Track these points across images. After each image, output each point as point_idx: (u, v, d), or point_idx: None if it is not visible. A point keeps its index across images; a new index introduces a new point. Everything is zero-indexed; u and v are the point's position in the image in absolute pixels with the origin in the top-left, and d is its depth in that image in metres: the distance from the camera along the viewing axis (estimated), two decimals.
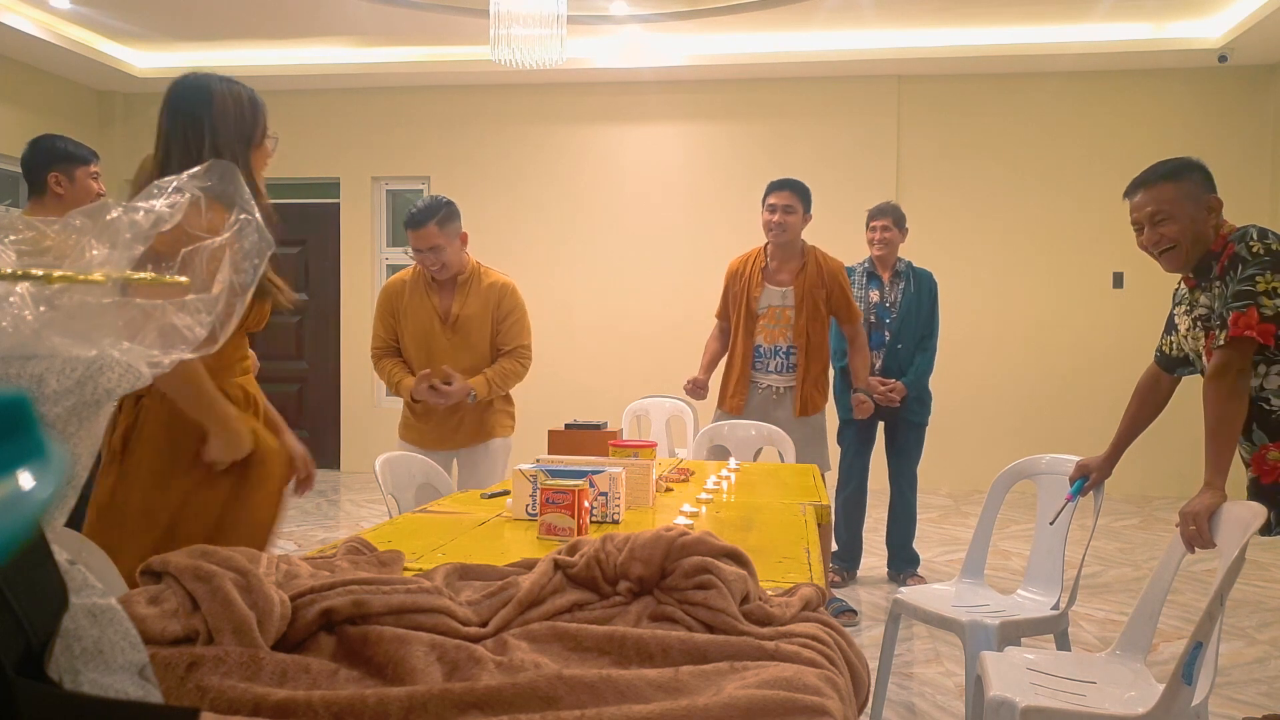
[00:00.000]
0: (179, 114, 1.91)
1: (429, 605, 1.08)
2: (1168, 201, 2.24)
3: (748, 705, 0.89)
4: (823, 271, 3.80)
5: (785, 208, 3.76)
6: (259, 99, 2.00)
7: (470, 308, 3.28)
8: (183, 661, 0.91)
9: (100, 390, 0.89)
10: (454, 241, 3.20)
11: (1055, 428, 6.72)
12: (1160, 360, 2.50)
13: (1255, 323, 2.11)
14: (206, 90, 1.92)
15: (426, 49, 6.94)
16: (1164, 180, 2.26)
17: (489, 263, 3.45)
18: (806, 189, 3.84)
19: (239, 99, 1.95)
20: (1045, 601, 2.64)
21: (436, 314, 3.28)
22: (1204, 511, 2.10)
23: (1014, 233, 6.96)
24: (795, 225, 3.78)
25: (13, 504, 0.42)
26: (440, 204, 3.17)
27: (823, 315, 3.80)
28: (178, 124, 1.91)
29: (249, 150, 1.96)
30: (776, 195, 3.79)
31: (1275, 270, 2.12)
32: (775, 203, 3.77)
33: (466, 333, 3.28)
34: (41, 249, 0.89)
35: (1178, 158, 2.33)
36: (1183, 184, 2.25)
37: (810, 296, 3.76)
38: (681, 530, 1.26)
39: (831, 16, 6.25)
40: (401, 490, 2.62)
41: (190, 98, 1.92)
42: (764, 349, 3.83)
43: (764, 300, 3.82)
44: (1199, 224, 2.24)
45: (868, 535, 4.56)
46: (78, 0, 6.12)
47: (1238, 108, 6.71)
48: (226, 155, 1.88)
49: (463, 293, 3.28)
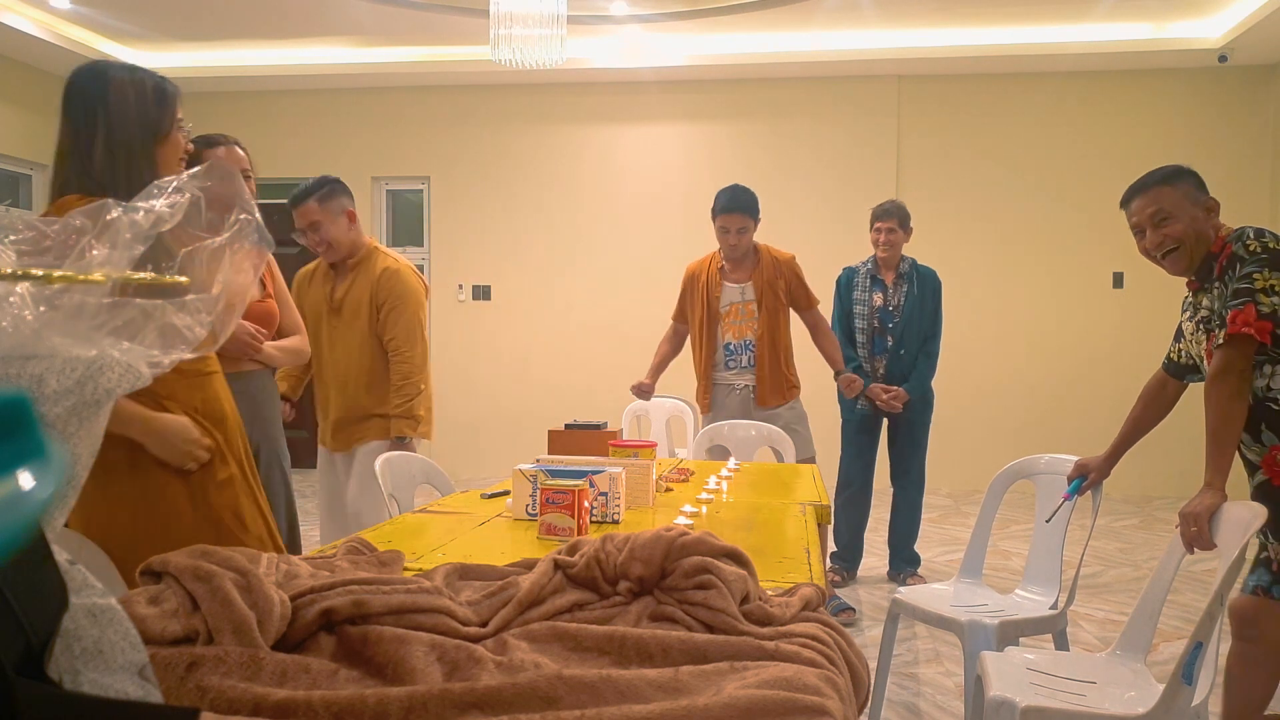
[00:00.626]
0: (73, 105, 1.79)
1: (429, 605, 1.08)
2: (1169, 202, 2.26)
3: (748, 705, 0.89)
4: (777, 264, 3.85)
5: (739, 229, 3.77)
6: (169, 87, 1.86)
7: (355, 292, 3.03)
8: (183, 661, 0.91)
9: (100, 390, 0.89)
10: (338, 219, 3.01)
11: (1055, 428, 6.73)
12: (1169, 367, 2.51)
13: (1253, 319, 2.11)
14: (104, 78, 1.79)
15: (426, 49, 6.94)
16: (1161, 184, 2.28)
17: (490, 263, 3.41)
18: (754, 200, 3.81)
19: (141, 87, 1.81)
20: (1044, 601, 2.64)
21: (326, 301, 3.07)
22: (1204, 512, 2.10)
23: (1014, 232, 6.97)
24: (749, 241, 3.81)
25: (13, 504, 0.42)
26: (324, 181, 3.03)
27: (784, 305, 3.86)
28: (72, 116, 1.79)
29: (154, 143, 1.82)
30: (727, 219, 3.77)
31: (1273, 268, 2.13)
32: (728, 225, 3.77)
33: (348, 320, 3.03)
34: (41, 249, 0.89)
35: (1169, 165, 2.35)
36: (1179, 186, 2.27)
37: (770, 288, 3.81)
38: (681, 530, 1.26)
39: (831, 16, 6.25)
40: (401, 490, 2.62)
41: (86, 87, 1.79)
42: (733, 345, 3.87)
43: (725, 298, 3.87)
44: (1200, 224, 2.25)
45: (868, 535, 4.56)
46: (78, 0, 6.12)
47: (1238, 108, 6.71)
48: (123, 149, 1.78)
49: (351, 276, 3.05)
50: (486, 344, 7.44)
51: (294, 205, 3.02)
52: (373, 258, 3.07)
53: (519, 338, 7.40)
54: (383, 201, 7.70)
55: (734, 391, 3.86)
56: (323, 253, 3.04)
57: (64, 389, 0.87)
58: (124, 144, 1.78)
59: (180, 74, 7.25)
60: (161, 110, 1.83)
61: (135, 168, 1.78)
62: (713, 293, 3.88)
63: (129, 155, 1.78)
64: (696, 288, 3.95)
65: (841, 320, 4.34)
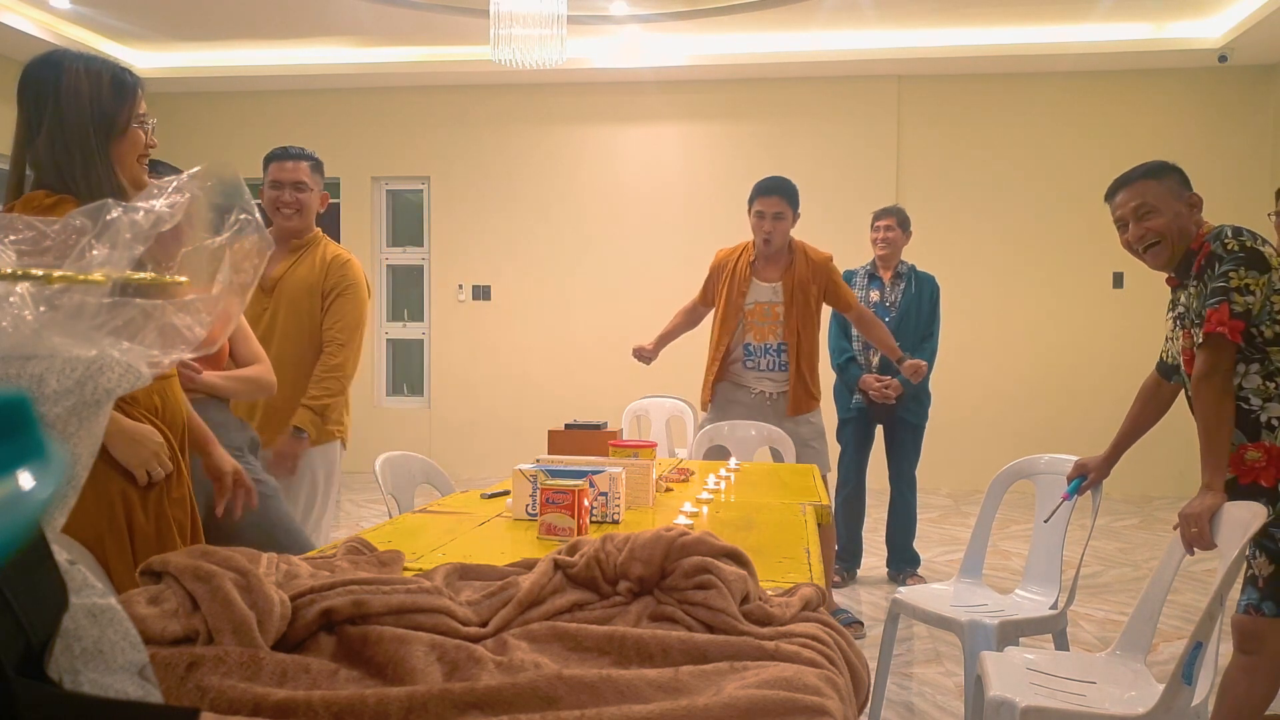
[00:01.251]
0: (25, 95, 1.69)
1: (429, 605, 1.08)
2: (1152, 196, 2.27)
3: (748, 705, 0.89)
4: (811, 265, 3.68)
5: (775, 214, 3.60)
6: (129, 79, 1.73)
7: (297, 274, 2.82)
8: (183, 661, 0.91)
9: (100, 390, 0.89)
10: (317, 194, 2.88)
11: (1055, 428, 6.72)
12: (1160, 368, 2.52)
13: (1226, 318, 2.12)
14: (56, 68, 1.67)
15: (426, 49, 6.94)
16: (1146, 178, 2.30)
17: (490, 263, 3.38)
18: (795, 190, 3.67)
19: (96, 78, 1.69)
20: (1044, 601, 2.64)
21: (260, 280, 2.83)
22: (1205, 513, 2.10)
23: (1014, 232, 6.97)
24: (785, 230, 3.64)
25: (13, 504, 0.42)
26: (314, 154, 2.93)
27: (813, 312, 3.70)
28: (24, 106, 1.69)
29: (108, 138, 1.70)
30: (765, 201, 3.61)
31: (1248, 266, 2.14)
32: (764, 209, 3.61)
33: (289, 302, 2.79)
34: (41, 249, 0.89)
35: (1154, 160, 2.36)
36: (1164, 181, 2.29)
37: (801, 292, 3.65)
38: (681, 530, 1.26)
39: (831, 16, 6.25)
40: (401, 490, 2.62)
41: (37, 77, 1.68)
42: (754, 346, 3.72)
43: (752, 295, 3.71)
44: (1182, 219, 2.27)
45: (867, 535, 4.56)
46: (78, 0, 6.12)
47: (1238, 108, 6.71)
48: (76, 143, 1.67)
49: (293, 258, 2.83)
50: (486, 344, 7.44)
51: (284, 158, 2.86)
52: (320, 243, 2.90)
53: (519, 338, 7.40)
54: (383, 201, 7.70)
55: (750, 394, 3.74)
56: (286, 216, 2.83)
57: (64, 389, 0.87)
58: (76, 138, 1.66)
59: (180, 74, 7.26)
60: (119, 103, 1.71)
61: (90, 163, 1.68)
62: (739, 287, 3.71)
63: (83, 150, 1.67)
64: (723, 277, 3.78)
65: (838, 317, 4.35)
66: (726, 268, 3.78)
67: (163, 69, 7.16)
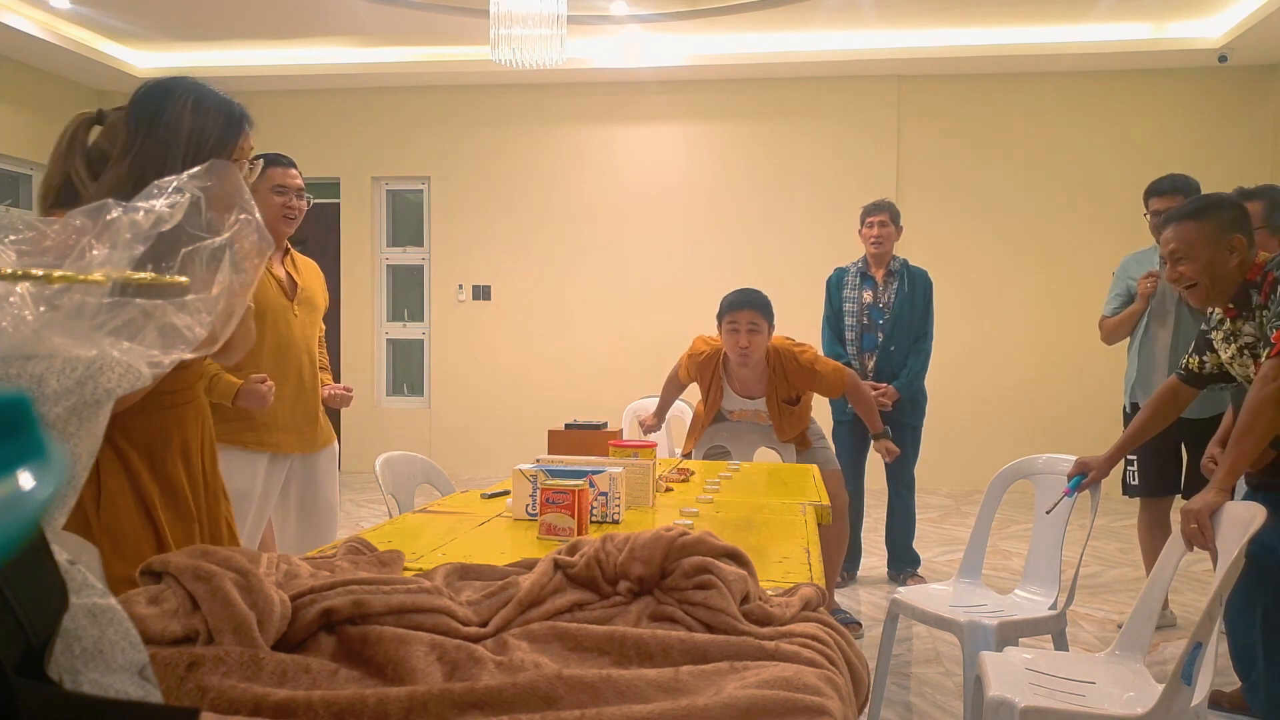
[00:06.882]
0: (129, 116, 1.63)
1: (429, 605, 1.08)
2: (1186, 242, 2.32)
3: (748, 705, 0.89)
4: (787, 372, 3.44)
5: (750, 328, 3.31)
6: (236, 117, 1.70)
7: (306, 279, 2.91)
8: (183, 661, 0.91)
9: (100, 390, 0.89)
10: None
11: (1055, 428, 6.72)
12: (1186, 377, 2.55)
13: None
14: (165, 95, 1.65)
15: (426, 49, 6.94)
16: (1188, 219, 2.33)
17: (490, 263, 3.38)
18: (768, 302, 3.38)
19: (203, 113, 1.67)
20: (1043, 601, 2.64)
21: (281, 287, 2.78)
22: (1205, 509, 2.11)
23: (1014, 232, 6.97)
24: (762, 344, 3.37)
25: (13, 504, 0.42)
26: None
27: (804, 406, 3.57)
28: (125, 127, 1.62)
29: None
30: (737, 315, 3.33)
31: None
32: (737, 323, 3.32)
33: (307, 308, 2.87)
34: (41, 249, 0.89)
35: (1209, 195, 2.43)
36: (1205, 224, 2.31)
37: (787, 404, 3.51)
38: (681, 530, 1.26)
39: (831, 16, 6.25)
40: (401, 490, 2.62)
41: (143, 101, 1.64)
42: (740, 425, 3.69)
43: (729, 404, 3.57)
44: (1217, 264, 2.30)
45: (867, 535, 4.56)
46: (78, 0, 6.12)
47: (1238, 108, 6.71)
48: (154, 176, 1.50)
49: (291, 263, 2.91)
50: (486, 344, 7.44)
51: (286, 165, 2.93)
52: (291, 251, 2.95)
53: (519, 338, 7.40)
54: (383, 201, 7.70)
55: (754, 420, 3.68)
56: (290, 222, 2.88)
57: (64, 389, 0.87)
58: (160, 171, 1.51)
59: (180, 74, 7.25)
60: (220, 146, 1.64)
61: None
62: (715, 397, 3.53)
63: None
64: (701, 379, 3.59)
65: (831, 319, 4.34)
66: (704, 374, 3.59)
67: (163, 69, 7.16)
